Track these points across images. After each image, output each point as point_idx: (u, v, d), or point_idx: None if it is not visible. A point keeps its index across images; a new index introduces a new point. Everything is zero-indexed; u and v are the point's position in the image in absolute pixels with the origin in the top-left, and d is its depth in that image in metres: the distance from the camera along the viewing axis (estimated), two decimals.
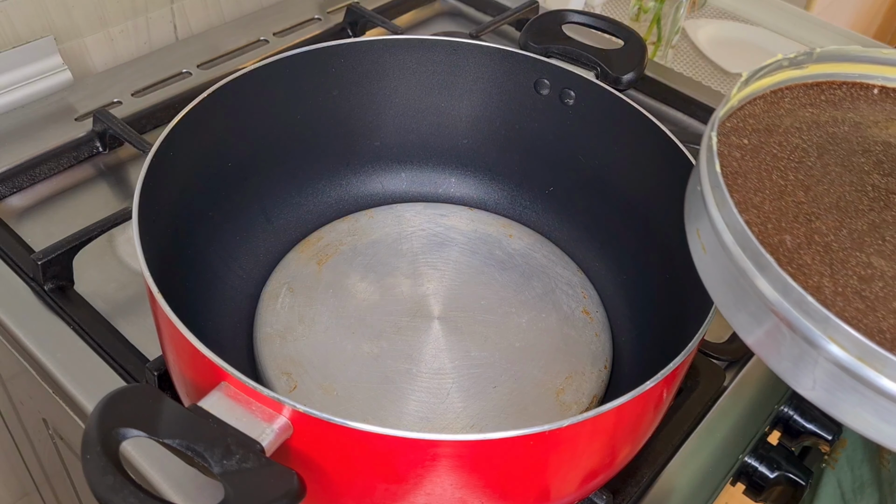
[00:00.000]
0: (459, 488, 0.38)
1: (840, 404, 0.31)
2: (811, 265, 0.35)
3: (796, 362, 0.32)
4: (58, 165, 0.68)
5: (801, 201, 0.38)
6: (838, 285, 0.34)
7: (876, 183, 0.40)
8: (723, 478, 0.52)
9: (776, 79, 0.43)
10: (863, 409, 0.31)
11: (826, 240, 0.36)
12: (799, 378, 0.32)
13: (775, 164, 0.39)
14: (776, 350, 0.33)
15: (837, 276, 0.34)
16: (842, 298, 0.33)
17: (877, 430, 0.31)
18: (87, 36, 0.79)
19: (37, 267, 0.57)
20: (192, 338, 0.37)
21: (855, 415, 0.31)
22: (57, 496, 0.79)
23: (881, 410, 0.31)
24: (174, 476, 0.48)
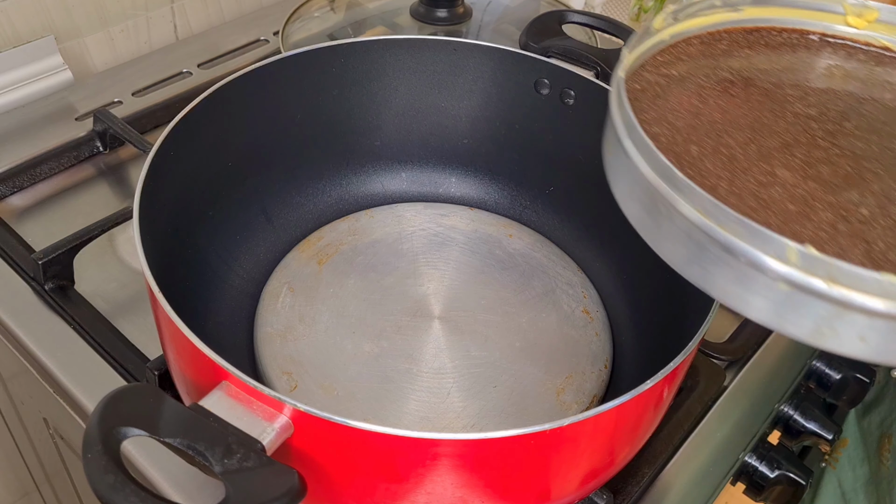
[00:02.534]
0: (460, 487, 0.38)
1: (699, 271, 0.32)
2: (711, 170, 0.35)
3: (688, 252, 0.32)
4: (58, 165, 0.68)
5: (716, 120, 0.38)
6: (734, 187, 0.34)
7: (798, 111, 0.40)
8: (723, 477, 0.52)
9: (713, 20, 0.43)
10: (718, 271, 0.31)
11: (732, 152, 0.36)
12: (679, 260, 0.33)
13: (699, 90, 0.40)
14: (667, 239, 0.34)
15: (736, 180, 0.35)
16: (735, 197, 0.33)
17: (742, 300, 0.32)
18: (87, 35, 0.79)
19: (37, 266, 0.57)
20: (192, 337, 0.37)
21: (710, 275, 0.32)
22: (57, 496, 0.79)
23: (736, 273, 0.31)
24: (175, 475, 0.48)
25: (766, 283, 0.31)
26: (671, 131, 0.37)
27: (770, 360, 0.58)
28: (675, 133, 0.37)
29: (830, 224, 0.33)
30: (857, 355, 0.31)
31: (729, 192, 0.34)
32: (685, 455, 0.52)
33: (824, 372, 0.61)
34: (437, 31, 0.79)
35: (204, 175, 0.53)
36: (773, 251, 0.30)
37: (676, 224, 0.32)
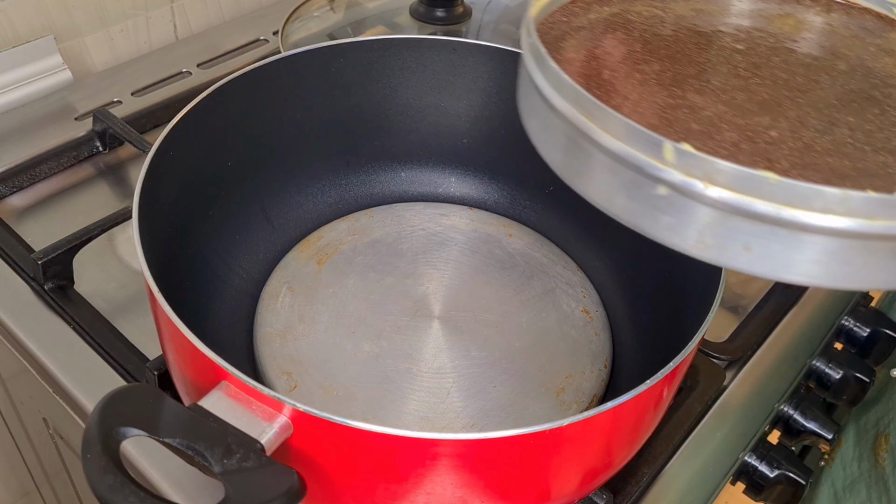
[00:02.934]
0: (460, 487, 0.38)
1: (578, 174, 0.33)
2: (619, 91, 0.34)
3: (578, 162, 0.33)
4: (58, 165, 0.68)
5: (636, 50, 0.37)
6: (639, 106, 0.33)
7: (725, 45, 0.39)
8: (723, 477, 0.52)
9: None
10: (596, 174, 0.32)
11: (646, 77, 0.36)
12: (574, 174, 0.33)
13: (626, 25, 0.39)
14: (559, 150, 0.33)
15: (643, 101, 0.34)
16: (637, 115, 0.33)
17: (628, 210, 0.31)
18: (86, 35, 0.79)
19: (37, 266, 0.57)
20: (192, 337, 0.37)
21: (586, 176, 0.32)
22: (57, 496, 0.79)
23: (622, 181, 0.31)
24: (174, 475, 0.48)
25: (648, 188, 0.30)
26: (586, 59, 0.36)
27: (770, 359, 0.58)
28: (590, 61, 0.36)
29: (733, 143, 0.32)
30: (744, 268, 0.31)
31: (632, 111, 0.33)
32: (685, 455, 0.52)
33: (824, 371, 0.61)
34: (437, 30, 0.79)
35: (203, 175, 0.53)
36: (650, 151, 0.29)
37: (583, 149, 0.32)
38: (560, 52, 0.37)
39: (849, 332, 0.64)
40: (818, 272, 0.30)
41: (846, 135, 0.34)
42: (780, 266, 0.30)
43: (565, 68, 0.34)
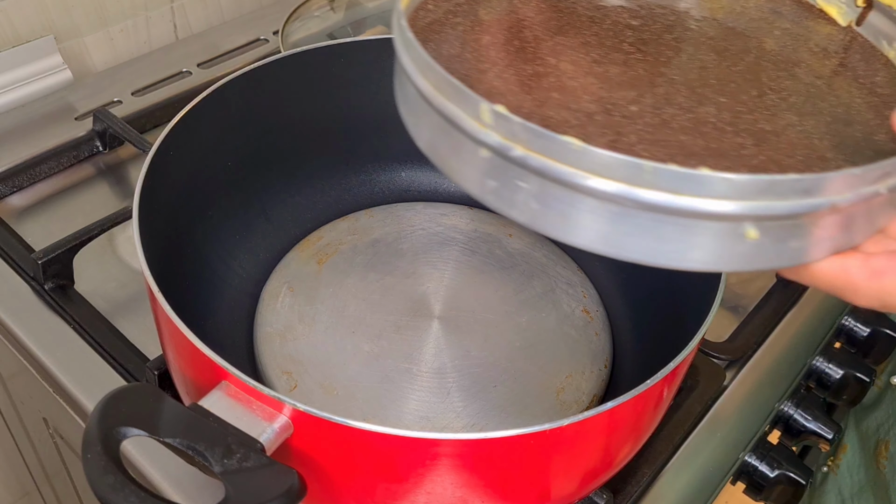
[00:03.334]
0: (460, 487, 0.38)
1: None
2: (492, 58, 0.34)
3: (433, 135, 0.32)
4: (58, 165, 0.68)
5: (524, 18, 0.37)
6: (505, 73, 0.33)
7: (618, 20, 0.39)
8: (723, 477, 0.52)
9: None
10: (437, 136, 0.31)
11: (524, 45, 0.35)
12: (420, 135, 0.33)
13: (519, 4, 0.39)
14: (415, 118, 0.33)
15: (511, 68, 0.34)
16: (500, 80, 0.33)
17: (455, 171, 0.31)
18: (86, 35, 0.79)
19: (37, 266, 0.56)
20: (192, 337, 0.37)
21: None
22: (57, 496, 0.79)
23: (454, 142, 0.31)
24: (175, 475, 0.48)
25: (474, 150, 0.30)
26: (470, 27, 0.36)
27: (770, 359, 0.58)
28: (470, 28, 0.36)
29: (588, 114, 0.32)
30: (565, 238, 0.30)
31: (496, 77, 0.33)
32: (685, 455, 0.52)
33: (824, 371, 0.61)
34: None
35: (203, 175, 0.53)
36: (471, 112, 0.29)
37: (413, 98, 0.32)
38: (439, 29, 0.36)
39: (849, 331, 0.64)
40: (639, 246, 0.30)
41: (711, 114, 0.33)
42: (601, 239, 0.30)
43: (432, 38, 0.34)
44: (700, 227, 0.29)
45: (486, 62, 0.34)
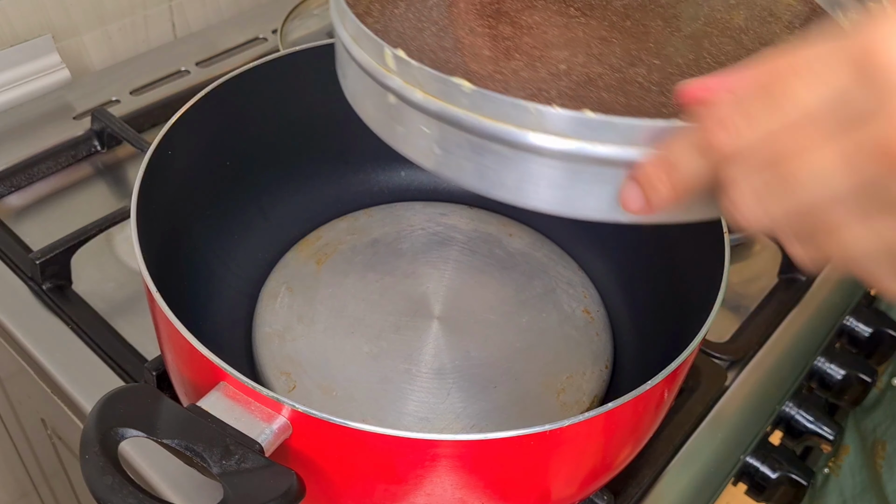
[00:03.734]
0: (459, 489, 0.38)
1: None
2: (429, 20, 0.35)
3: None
4: (56, 164, 0.68)
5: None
6: (442, 33, 0.35)
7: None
8: (724, 478, 0.52)
9: None
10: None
11: (469, 8, 0.36)
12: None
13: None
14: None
15: (451, 29, 0.35)
16: (435, 38, 0.34)
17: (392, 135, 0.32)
18: (84, 34, 0.79)
19: (35, 266, 0.56)
20: (190, 337, 0.37)
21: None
22: (55, 497, 0.79)
23: (370, 89, 0.32)
24: (173, 476, 0.48)
25: (383, 96, 0.31)
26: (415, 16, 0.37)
27: (772, 359, 0.58)
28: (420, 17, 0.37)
29: (514, 70, 0.32)
30: (471, 186, 0.31)
31: (432, 35, 0.34)
32: (686, 456, 0.52)
33: (826, 372, 0.61)
34: None
35: (202, 174, 0.53)
36: (380, 59, 0.30)
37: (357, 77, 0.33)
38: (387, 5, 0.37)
39: (851, 332, 0.64)
40: (542, 195, 0.30)
41: (640, 74, 0.33)
42: (498, 185, 0.30)
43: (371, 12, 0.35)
44: (583, 171, 0.29)
45: (428, 22, 0.35)
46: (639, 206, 0.28)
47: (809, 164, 0.23)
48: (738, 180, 0.25)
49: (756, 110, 0.24)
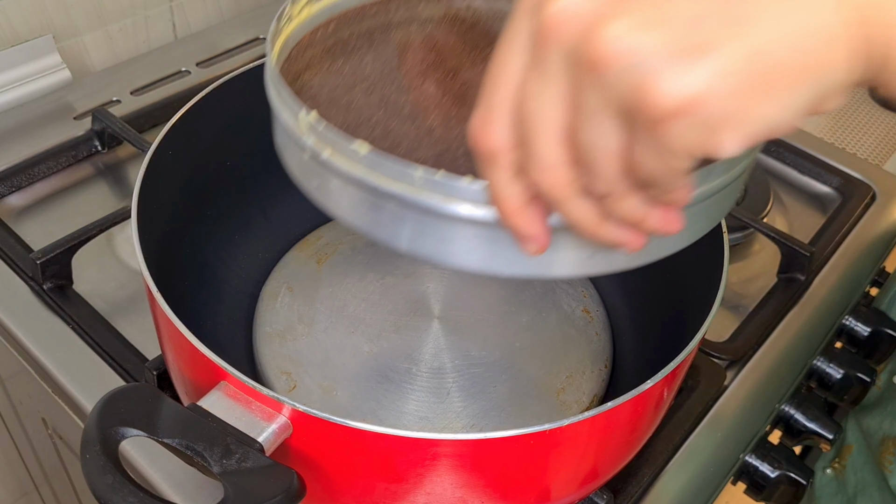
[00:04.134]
0: (459, 488, 0.38)
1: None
2: (348, 88, 0.39)
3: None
4: (56, 164, 0.68)
5: (371, 73, 0.41)
6: (334, 94, 0.39)
7: (440, 42, 0.43)
8: (724, 477, 0.52)
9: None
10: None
11: (376, 77, 0.40)
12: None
13: (343, 48, 0.43)
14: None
15: (357, 91, 0.39)
16: (328, 99, 0.38)
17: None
18: (85, 34, 0.79)
19: (36, 266, 0.56)
20: (191, 337, 0.37)
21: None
22: (56, 496, 0.79)
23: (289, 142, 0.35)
24: (174, 475, 0.48)
25: (299, 152, 0.34)
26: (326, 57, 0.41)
27: (771, 359, 0.58)
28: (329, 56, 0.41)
29: (429, 129, 0.36)
30: (369, 233, 0.33)
31: (363, 91, 0.38)
32: (685, 455, 0.52)
33: (825, 371, 0.61)
34: None
35: (202, 174, 0.53)
36: (295, 120, 0.33)
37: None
38: (305, 72, 0.41)
39: (850, 331, 0.64)
40: (429, 248, 0.32)
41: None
42: (395, 238, 0.33)
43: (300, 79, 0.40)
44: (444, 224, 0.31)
45: (360, 78, 0.40)
46: (533, 248, 0.29)
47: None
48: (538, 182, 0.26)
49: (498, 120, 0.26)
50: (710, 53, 0.22)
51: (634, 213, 0.27)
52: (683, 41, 0.22)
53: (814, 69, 0.23)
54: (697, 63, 0.22)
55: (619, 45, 0.22)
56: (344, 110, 0.38)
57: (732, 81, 0.22)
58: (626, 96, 0.23)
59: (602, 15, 0.22)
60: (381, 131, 0.36)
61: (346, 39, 0.44)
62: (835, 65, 0.23)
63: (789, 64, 0.22)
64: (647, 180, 0.25)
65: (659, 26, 0.22)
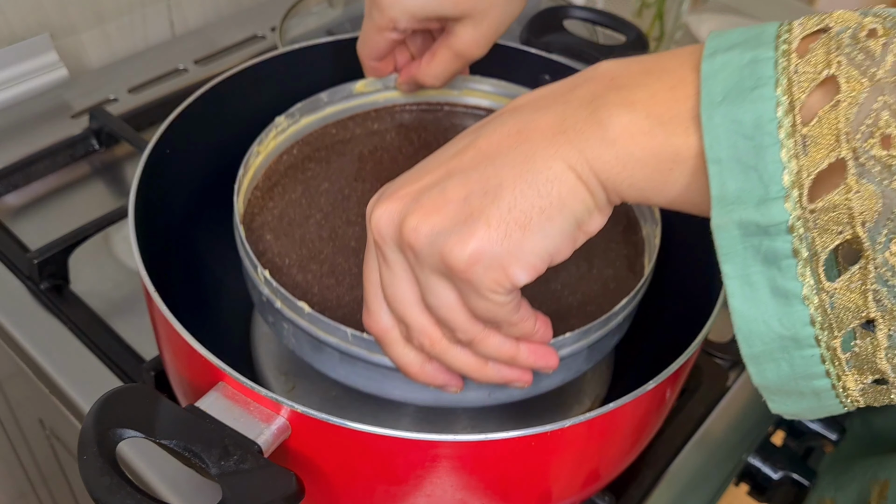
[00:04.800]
0: (460, 489, 0.37)
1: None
2: (305, 218, 0.47)
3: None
4: (53, 163, 0.67)
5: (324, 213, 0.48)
6: (306, 233, 0.46)
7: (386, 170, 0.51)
8: (726, 479, 0.52)
9: (306, 121, 0.53)
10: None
11: (329, 209, 0.48)
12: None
13: (303, 173, 0.50)
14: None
15: (312, 223, 0.47)
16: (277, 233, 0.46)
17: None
18: (82, 32, 0.79)
19: (32, 266, 0.56)
20: (189, 337, 0.37)
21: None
22: (53, 497, 0.79)
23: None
24: (171, 477, 0.48)
25: (258, 292, 0.42)
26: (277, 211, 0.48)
27: None
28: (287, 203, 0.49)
29: (356, 275, 0.44)
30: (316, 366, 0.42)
31: (316, 223, 0.47)
32: (688, 456, 0.52)
33: None
34: None
35: (200, 173, 0.53)
36: (253, 269, 0.41)
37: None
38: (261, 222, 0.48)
39: None
40: (365, 384, 0.41)
41: None
42: (332, 372, 0.41)
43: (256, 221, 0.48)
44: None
45: (315, 209, 0.48)
46: (452, 391, 0.37)
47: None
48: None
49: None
50: (479, 218, 0.30)
51: (502, 351, 0.34)
52: (459, 215, 0.30)
53: (559, 208, 0.29)
54: (472, 226, 0.29)
55: (418, 231, 0.30)
56: (299, 244, 0.46)
57: (500, 231, 0.29)
58: (438, 263, 0.31)
59: (402, 214, 0.31)
60: (328, 267, 0.44)
61: (305, 164, 0.51)
62: (576, 202, 0.29)
63: (538, 209, 0.29)
64: (490, 319, 0.32)
65: (440, 211, 0.30)
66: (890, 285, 0.25)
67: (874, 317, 0.25)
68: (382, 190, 0.33)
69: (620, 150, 0.28)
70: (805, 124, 0.25)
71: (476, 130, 0.32)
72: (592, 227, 0.31)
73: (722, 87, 0.27)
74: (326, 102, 0.53)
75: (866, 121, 0.24)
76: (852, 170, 0.24)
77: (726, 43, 0.28)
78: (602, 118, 0.29)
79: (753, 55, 0.27)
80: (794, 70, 0.26)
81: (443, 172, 0.31)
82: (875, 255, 0.25)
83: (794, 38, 0.27)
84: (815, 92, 0.25)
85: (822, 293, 0.26)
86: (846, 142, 0.25)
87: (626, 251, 0.49)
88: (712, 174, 0.27)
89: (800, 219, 0.25)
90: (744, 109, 0.26)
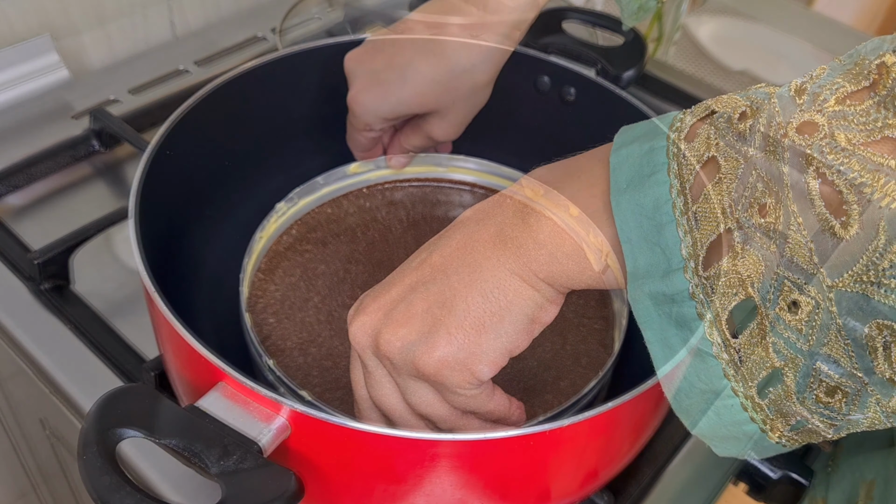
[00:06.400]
0: (459, 489, 0.38)
1: None
2: (305, 301, 0.52)
3: None
4: (55, 164, 0.67)
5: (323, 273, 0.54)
6: (306, 316, 0.51)
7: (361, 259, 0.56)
8: (724, 477, 0.52)
9: (304, 203, 0.57)
10: None
11: (326, 292, 0.53)
12: None
13: (301, 255, 0.55)
14: None
15: (310, 305, 0.52)
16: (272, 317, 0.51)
17: None
18: (84, 33, 0.79)
19: (34, 266, 0.56)
20: (189, 337, 0.37)
21: None
22: (54, 497, 0.79)
23: None
24: (172, 476, 0.48)
25: (268, 374, 0.46)
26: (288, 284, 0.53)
27: None
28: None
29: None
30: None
31: (315, 306, 0.52)
32: (687, 455, 0.52)
33: None
34: None
35: (201, 174, 0.53)
36: (259, 357, 0.46)
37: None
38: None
39: None
40: None
41: None
42: None
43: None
44: None
45: (313, 292, 0.52)
46: None
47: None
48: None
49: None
50: (440, 328, 0.34)
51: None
52: (424, 326, 0.34)
53: (508, 309, 0.33)
54: (435, 336, 0.34)
55: (391, 344, 0.35)
56: (299, 327, 0.50)
57: (459, 337, 0.34)
58: (412, 369, 0.35)
59: (376, 329, 0.35)
60: (326, 350, 0.49)
61: (302, 246, 0.55)
62: (524, 301, 0.33)
63: (489, 313, 0.33)
64: (467, 409, 0.36)
65: (408, 323, 0.34)
66: (785, 337, 0.27)
67: (778, 365, 0.27)
68: (360, 300, 0.37)
69: (553, 250, 0.32)
70: (695, 201, 0.28)
71: (433, 244, 0.36)
72: (546, 318, 0.35)
73: (626, 176, 0.30)
74: (322, 184, 0.57)
75: (745, 193, 0.27)
76: (738, 238, 0.27)
77: (631, 136, 0.31)
78: (531, 224, 0.33)
79: (650, 145, 0.30)
80: (682, 154, 0.29)
81: (407, 285, 0.35)
82: (767, 311, 0.27)
83: (685, 125, 0.30)
84: (702, 171, 0.28)
85: (729, 349, 0.28)
86: (731, 214, 0.27)
87: (597, 325, 0.53)
88: (626, 253, 0.30)
89: (698, 286, 0.28)
90: (644, 193, 0.29)
